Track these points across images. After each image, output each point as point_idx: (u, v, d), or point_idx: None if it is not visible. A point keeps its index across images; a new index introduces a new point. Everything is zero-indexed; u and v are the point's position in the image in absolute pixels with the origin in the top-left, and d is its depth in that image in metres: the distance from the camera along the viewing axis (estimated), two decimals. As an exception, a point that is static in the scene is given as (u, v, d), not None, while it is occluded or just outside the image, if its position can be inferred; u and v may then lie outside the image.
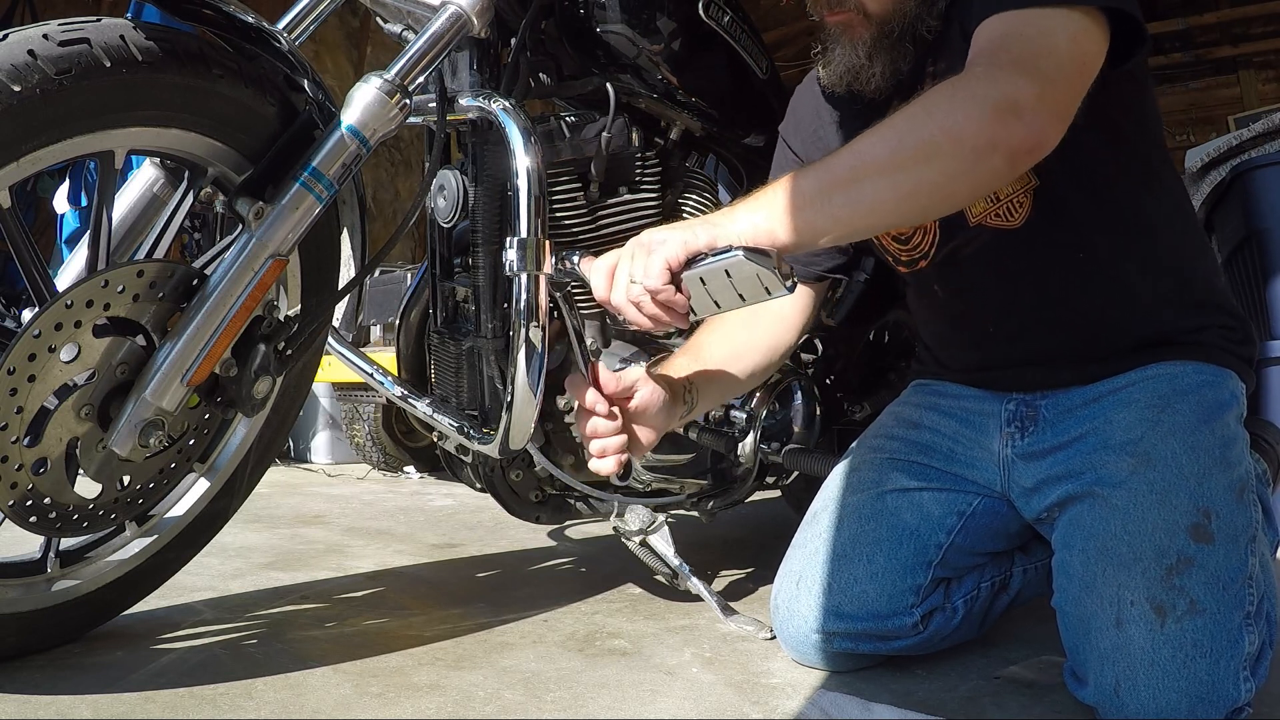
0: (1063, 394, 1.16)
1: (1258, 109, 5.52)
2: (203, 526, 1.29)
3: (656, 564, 1.45)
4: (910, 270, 1.26)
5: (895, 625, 1.13)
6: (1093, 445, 1.09)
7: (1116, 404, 1.10)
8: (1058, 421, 1.15)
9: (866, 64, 1.17)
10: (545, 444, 1.45)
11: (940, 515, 1.17)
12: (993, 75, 0.94)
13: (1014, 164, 0.93)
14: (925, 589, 1.15)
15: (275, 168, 1.08)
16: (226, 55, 1.07)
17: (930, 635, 1.16)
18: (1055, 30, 0.96)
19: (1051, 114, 0.92)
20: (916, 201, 0.94)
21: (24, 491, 0.99)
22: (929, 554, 1.15)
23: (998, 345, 1.21)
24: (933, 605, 1.16)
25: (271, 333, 1.12)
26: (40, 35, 0.93)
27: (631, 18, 1.37)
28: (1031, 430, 1.17)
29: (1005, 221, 1.14)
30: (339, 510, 2.50)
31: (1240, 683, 0.91)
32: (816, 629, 1.14)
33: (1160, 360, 1.11)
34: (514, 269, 1.20)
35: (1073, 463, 1.10)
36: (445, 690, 1.08)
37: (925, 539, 1.16)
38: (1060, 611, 1.04)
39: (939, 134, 0.90)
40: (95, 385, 1.01)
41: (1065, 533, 1.06)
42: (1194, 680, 0.90)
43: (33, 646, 1.14)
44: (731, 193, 1.66)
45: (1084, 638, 0.98)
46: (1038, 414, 1.17)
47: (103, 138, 0.99)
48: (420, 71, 1.15)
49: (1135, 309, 1.14)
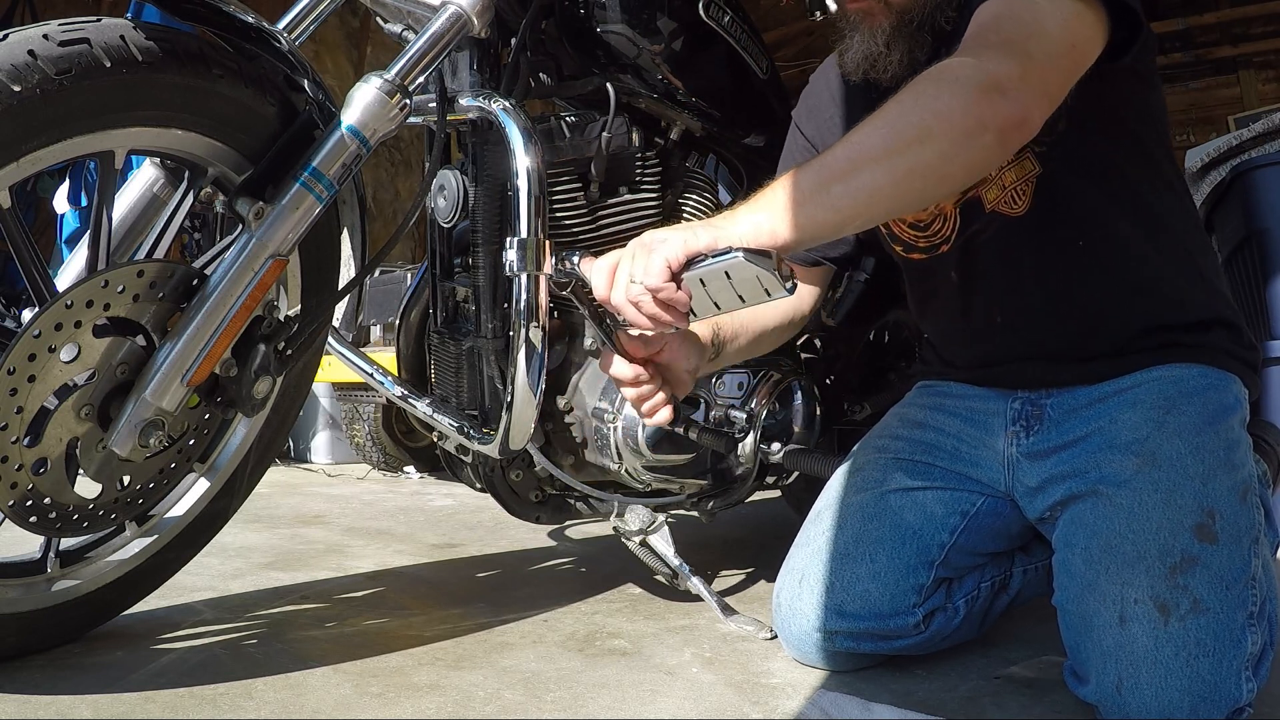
0: (1068, 393, 1.16)
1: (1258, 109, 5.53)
2: (203, 526, 1.29)
3: (656, 564, 1.45)
4: (930, 256, 1.25)
5: (897, 625, 1.13)
6: (1097, 444, 1.09)
7: (1122, 404, 1.10)
8: (1063, 421, 1.15)
9: (885, 52, 1.18)
10: (545, 444, 1.45)
11: (943, 515, 1.18)
12: (978, 55, 0.96)
13: (1004, 141, 0.95)
14: (927, 589, 1.15)
15: (275, 168, 1.08)
16: (226, 55, 1.07)
17: (931, 635, 1.16)
18: (1047, 14, 0.98)
19: (1036, 91, 0.94)
20: (912, 185, 0.95)
21: (24, 491, 0.99)
22: (931, 553, 1.16)
23: (1003, 337, 1.21)
24: (934, 605, 1.16)
25: (271, 333, 1.12)
26: (40, 35, 0.93)
27: (631, 18, 1.37)
28: (1037, 429, 1.17)
29: (1010, 209, 1.16)
30: (339, 510, 2.50)
31: (1242, 683, 0.91)
32: (818, 628, 1.14)
33: (1166, 362, 1.11)
34: (514, 269, 1.20)
35: (1077, 462, 1.10)
36: (445, 690, 1.08)
37: (928, 539, 1.16)
38: (1061, 610, 1.04)
39: (929, 117, 0.92)
40: (95, 385, 1.01)
41: (1067, 531, 1.06)
42: (1197, 679, 0.90)
43: (33, 646, 1.14)
44: (731, 193, 1.66)
45: (1086, 635, 0.98)
46: (1043, 413, 1.17)
47: (103, 138, 0.99)
48: (420, 71, 1.15)
49: (1135, 303, 1.14)
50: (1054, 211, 1.14)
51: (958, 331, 1.29)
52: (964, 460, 1.21)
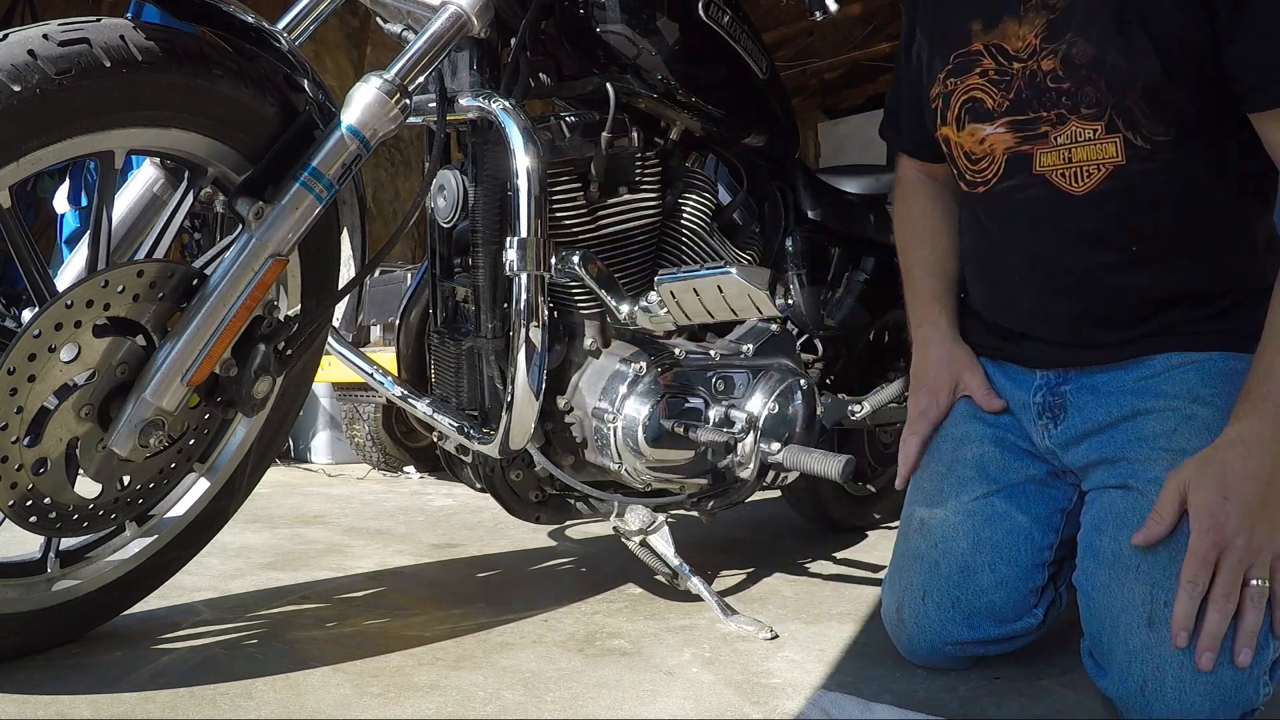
0: (1086, 375, 1.15)
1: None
2: (203, 526, 1.29)
3: (656, 564, 1.45)
4: (970, 190, 1.23)
5: (1022, 627, 1.15)
6: (1126, 436, 1.08)
7: (1146, 394, 1.09)
8: (1084, 405, 1.14)
9: None
10: (545, 444, 1.45)
11: (1046, 514, 1.17)
12: None
13: None
14: (1043, 588, 1.16)
15: (275, 168, 1.08)
16: (226, 55, 1.07)
17: (1049, 626, 1.17)
18: None
19: None
20: None
21: (24, 491, 0.99)
22: (1043, 555, 1.16)
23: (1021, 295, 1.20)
24: (1049, 600, 1.17)
25: (271, 333, 1.12)
26: (40, 35, 0.93)
27: (631, 18, 1.37)
28: (1062, 418, 1.17)
29: (1069, 185, 1.12)
30: (339, 510, 2.50)
31: (1260, 687, 0.92)
32: (951, 641, 1.14)
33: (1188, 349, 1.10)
34: (514, 269, 1.20)
35: (1107, 449, 1.10)
36: (445, 690, 1.08)
37: (1039, 540, 1.16)
38: (1083, 592, 1.03)
39: None
40: (95, 385, 1.01)
41: (1098, 515, 1.06)
42: (1219, 685, 0.91)
43: (33, 646, 1.14)
44: (731, 193, 1.66)
45: (1112, 630, 0.98)
46: (1064, 400, 1.17)
47: (103, 138, 0.99)
48: (420, 71, 1.15)
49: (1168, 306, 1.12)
50: (1117, 210, 1.10)
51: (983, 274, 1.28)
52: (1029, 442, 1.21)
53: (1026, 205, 1.16)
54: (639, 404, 1.37)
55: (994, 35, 1.16)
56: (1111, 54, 1.06)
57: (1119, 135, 1.07)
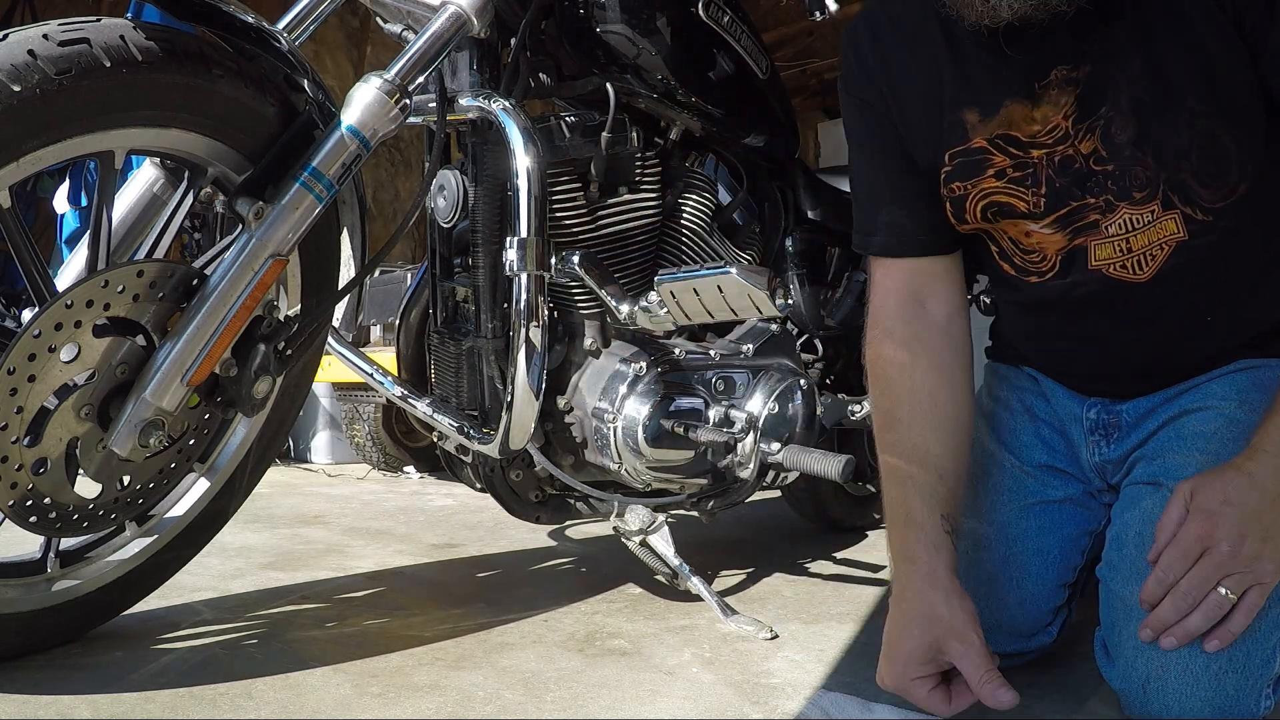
0: (1144, 399, 1.13)
1: None
2: (203, 526, 1.29)
3: (656, 564, 1.45)
4: (1019, 276, 1.13)
5: (1038, 643, 1.15)
6: (1167, 437, 1.08)
7: (1194, 397, 1.09)
8: (1139, 425, 1.13)
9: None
10: (545, 444, 1.45)
11: (1075, 535, 1.16)
12: None
13: None
14: (1061, 605, 1.16)
15: (275, 168, 1.09)
16: (226, 55, 1.07)
17: (1061, 638, 1.18)
18: None
19: None
20: None
21: (24, 491, 0.99)
22: (1067, 576, 1.16)
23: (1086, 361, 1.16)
24: (1065, 617, 1.17)
25: (271, 333, 1.12)
26: (40, 35, 0.93)
27: (631, 18, 1.37)
28: (1115, 436, 1.15)
29: (1132, 274, 1.05)
30: (339, 510, 2.50)
31: (1262, 700, 0.92)
32: None
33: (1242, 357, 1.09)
34: (514, 269, 1.20)
35: (1149, 448, 1.09)
36: (445, 690, 1.08)
37: (1064, 562, 1.16)
38: (1105, 584, 1.03)
39: None
40: (95, 385, 1.01)
41: (1125, 509, 1.06)
42: (1221, 693, 0.91)
43: (33, 646, 1.14)
44: (731, 193, 1.66)
45: (1125, 623, 0.98)
46: (1119, 419, 1.15)
47: (103, 138, 0.99)
48: (420, 71, 1.15)
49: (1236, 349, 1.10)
50: (1184, 289, 1.04)
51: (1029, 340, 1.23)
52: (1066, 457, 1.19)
53: (1088, 299, 1.09)
54: (639, 404, 1.37)
55: (997, 125, 1.03)
56: (1155, 128, 0.97)
57: (1176, 211, 1.00)
